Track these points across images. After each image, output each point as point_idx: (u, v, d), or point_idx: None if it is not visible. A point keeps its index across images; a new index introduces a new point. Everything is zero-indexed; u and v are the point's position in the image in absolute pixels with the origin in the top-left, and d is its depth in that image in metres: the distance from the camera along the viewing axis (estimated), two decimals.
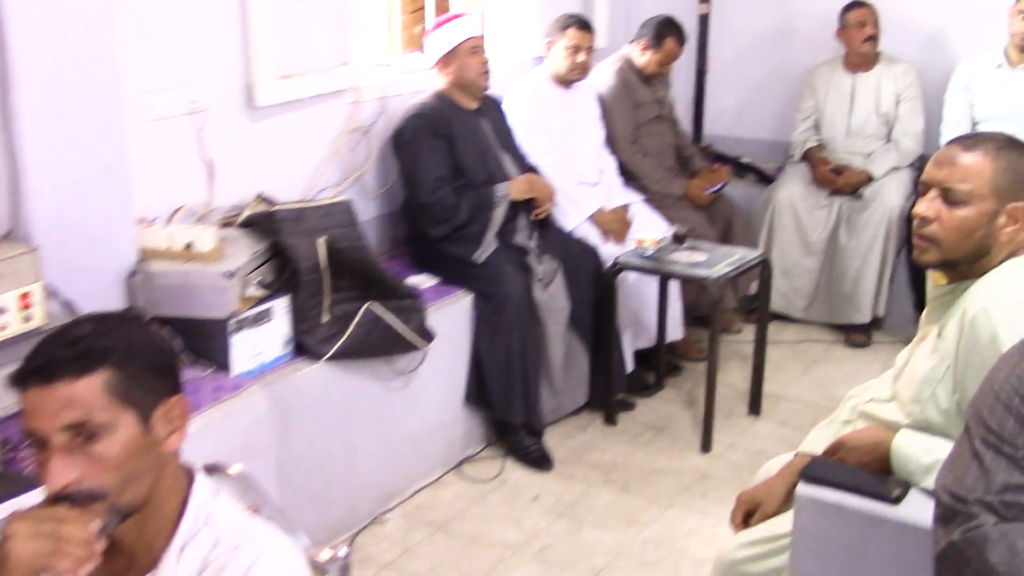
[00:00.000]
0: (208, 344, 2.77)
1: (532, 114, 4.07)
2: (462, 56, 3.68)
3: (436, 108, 3.64)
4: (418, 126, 3.59)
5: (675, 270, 3.64)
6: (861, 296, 4.56)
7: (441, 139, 3.60)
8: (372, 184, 3.88)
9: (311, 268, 2.94)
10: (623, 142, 4.41)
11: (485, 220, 3.58)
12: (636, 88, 4.47)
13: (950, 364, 1.88)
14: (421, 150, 3.57)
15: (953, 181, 1.88)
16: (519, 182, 3.70)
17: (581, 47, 4.08)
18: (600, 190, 4.23)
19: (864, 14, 4.67)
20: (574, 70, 4.11)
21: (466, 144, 3.65)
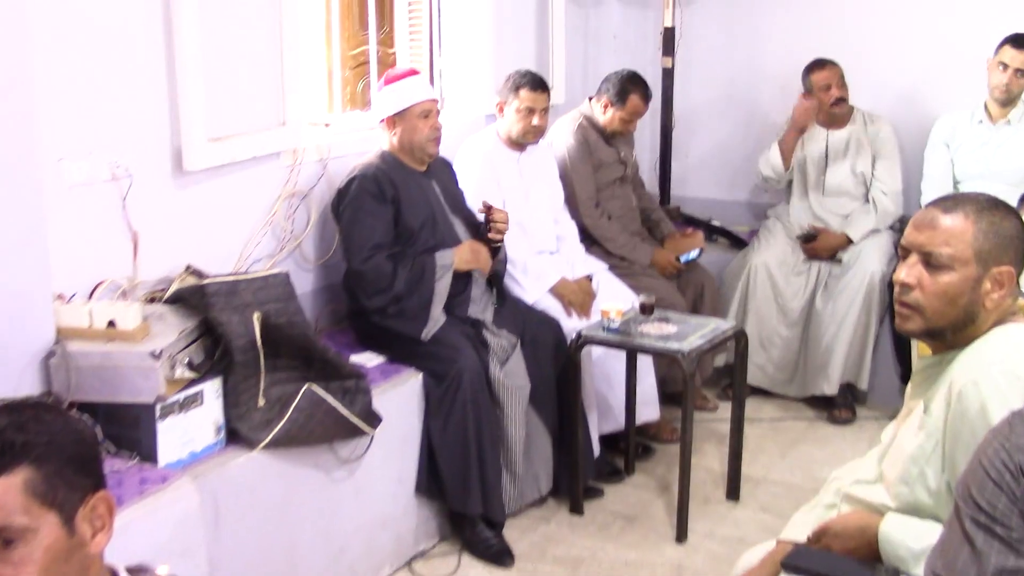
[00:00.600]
0: (132, 432, 2.75)
1: (483, 178, 4.14)
2: (411, 119, 3.72)
3: (381, 169, 3.68)
4: (361, 188, 3.62)
5: (644, 343, 3.67)
6: (833, 365, 4.63)
7: (385, 203, 3.63)
8: (312, 253, 3.90)
9: (245, 347, 2.94)
10: (585, 205, 4.49)
11: (427, 292, 3.59)
12: (598, 147, 4.57)
13: (938, 441, 1.89)
14: (361, 214, 3.59)
15: (934, 245, 1.92)
16: (463, 250, 3.72)
17: (535, 109, 4.16)
18: (561, 259, 4.30)
19: (828, 76, 4.78)
20: (528, 133, 4.19)
21: (414, 208, 3.69)
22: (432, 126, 3.73)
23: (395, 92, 3.73)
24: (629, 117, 4.57)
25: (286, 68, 3.63)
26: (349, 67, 4.34)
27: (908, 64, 5.02)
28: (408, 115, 3.71)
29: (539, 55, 5.12)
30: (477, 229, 3.88)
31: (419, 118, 3.71)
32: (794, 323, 4.75)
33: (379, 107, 3.78)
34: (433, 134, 3.73)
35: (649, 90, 4.60)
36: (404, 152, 3.76)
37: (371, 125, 4.15)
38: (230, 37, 3.42)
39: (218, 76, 3.37)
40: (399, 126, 3.73)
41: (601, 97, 4.57)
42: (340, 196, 3.66)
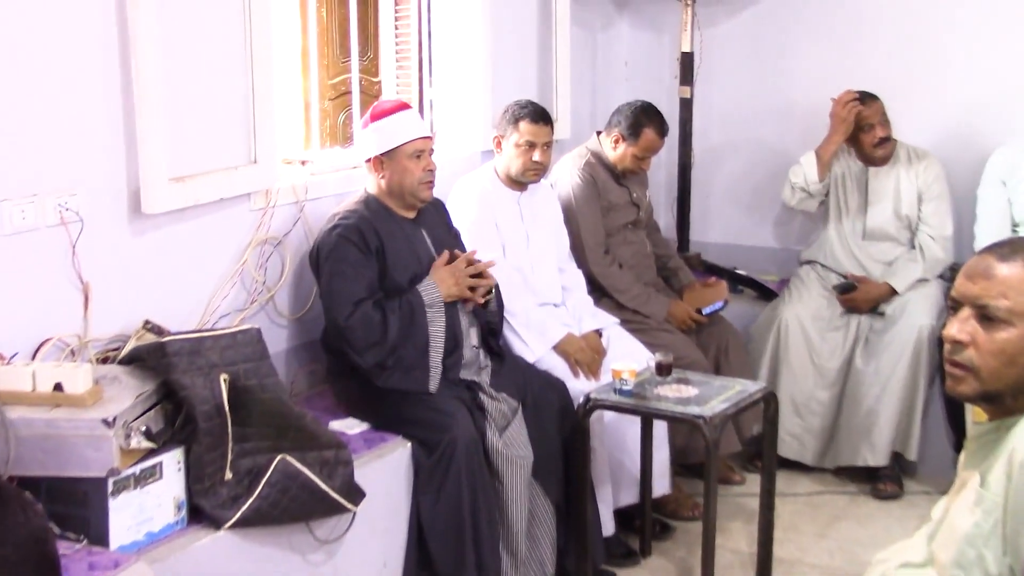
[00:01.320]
0: (80, 510, 2.73)
1: (479, 221, 4.16)
2: (401, 159, 3.71)
3: (364, 217, 3.67)
4: (342, 239, 3.60)
5: (661, 408, 3.66)
6: (878, 432, 4.59)
7: (369, 255, 3.62)
8: (286, 307, 3.90)
9: (210, 413, 2.92)
10: (593, 252, 4.51)
11: (422, 337, 3.59)
12: (607, 187, 4.59)
13: (998, 519, 1.87)
14: (342, 267, 3.58)
15: (990, 297, 1.92)
16: (442, 277, 3.66)
17: (537, 144, 4.19)
18: (566, 312, 4.31)
19: (870, 114, 4.79)
20: (529, 171, 4.22)
21: (401, 261, 3.68)
22: (425, 168, 3.72)
23: (382, 129, 3.72)
24: (643, 153, 4.59)
25: (257, 99, 3.65)
26: (328, 98, 4.37)
27: (955, 95, 5.05)
28: (397, 155, 3.71)
29: (541, 84, 5.17)
30: None
31: (410, 159, 3.70)
32: (831, 384, 4.73)
33: (364, 145, 3.78)
34: (426, 177, 3.71)
35: (665, 123, 4.63)
36: (392, 197, 3.75)
37: (353, 163, 4.16)
38: (195, 65, 3.45)
39: (181, 108, 3.39)
40: (387, 168, 3.72)
41: (611, 131, 4.60)
42: (319, 248, 3.66)
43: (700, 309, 4.61)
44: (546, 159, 4.23)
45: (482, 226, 4.15)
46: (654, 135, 4.57)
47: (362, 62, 4.48)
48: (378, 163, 3.73)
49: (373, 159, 3.74)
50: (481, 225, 4.15)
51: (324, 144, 4.35)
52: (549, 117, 4.26)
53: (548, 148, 4.23)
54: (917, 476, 4.73)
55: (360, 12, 4.43)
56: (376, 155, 3.73)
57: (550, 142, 4.24)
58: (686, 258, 5.22)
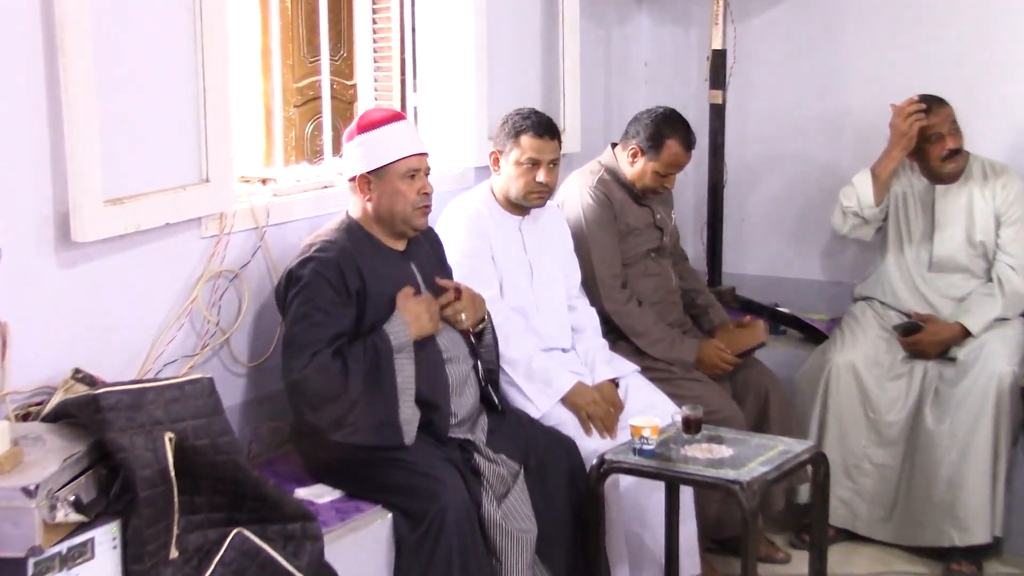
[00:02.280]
0: None
1: (472, 252, 4.16)
2: (392, 180, 3.69)
3: (345, 250, 3.64)
4: (317, 274, 3.56)
5: (689, 471, 3.64)
6: (963, 506, 4.52)
7: (348, 297, 3.59)
8: (244, 352, 3.90)
9: (153, 479, 2.90)
10: (608, 286, 4.51)
11: (390, 385, 3.54)
12: (625, 209, 4.60)
13: None
14: (312, 308, 3.55)
15: None
16: (410, 310, 3.62)
17: (541, 161, 4.19)
18: (577, 358, 4.31)
19: (938, 121, 4.75)
20: (532, 194, 4.21)
21: (385, 303, 3.65)
22: (420, 190, 3.71)
23: (371, 143, 3.71)
24: (665, 170, 4.59)
25: (210, 106, 3.65)
26: (294, 105, 4.39)
27: None
28: (388, 174, 3.69)
29: (546, 89, 5.19)
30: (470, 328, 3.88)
31: (403, 179, 3.69)
32: (892, 443, 4.70)
33: (348, 162, 3.77)
34: (421, 201, 3.71)
35: (692, 134, 4.63)
36: (380, 223, 3.74)
37: (325, 181, 4.16)
38: (135, 66, 3.45)
39: (118, 117, 3.38)
40: (375, 189, 3.70)
41: (629, 143, 4.61)
42: (289, 280, 3.63)
43: (735, 353, 4.60)
44: (552, 179, 4.23)
45: (476, 258, 4.15)
46: (679, 148, 4.57)
47: (334, 62, 4.50)
48: (365, 183, 3.72)
49: (359, 178, 3.72)
50: (474, 257, 4.15)
51: (289, 159, 4.36)
52: (556, 130, 4.26)
53: (555, 166, 4.23)
54: (1002, 555, 4.65)
55: (331, 3, 4.45)
56: (363, 173, 3.72)
57: (557, 159, 4.24)
58: (718, 293, 5.23)
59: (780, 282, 5.60)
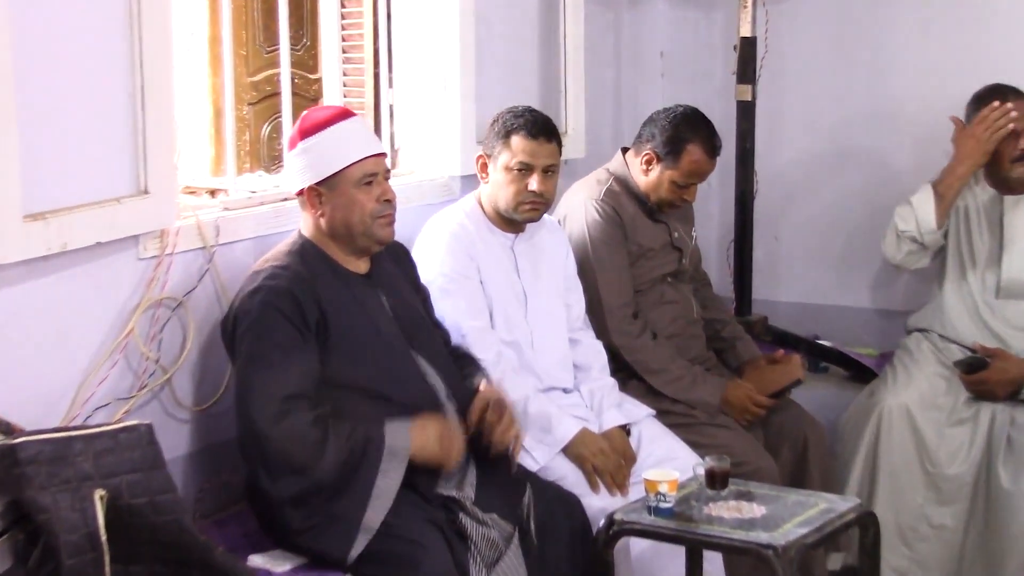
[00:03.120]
0: None
1: (456, 276, 4.14)
2: (346, 188, 3.65)
3: (299, 275, 3.61)
4: (268, 306, 3.54)
5: (713, 533, 3.62)
6: None
7: (307, 331, 3.57)
8: (189, 395, 3.89)
9: (80, 544, 2.89)
10: (616, 317, 4.50)
11: (364, 488, 3.48)
12: (637, 225, 4.60)
13: None
14: (268, 348, 3.53)
15: None
16: (425, 433, 3.59)
17: (534, 166, 4.18)
18: (580, 400, 4.31)
19: (1015, 114, 4.73)
20: (523, 205, 4.20)
21: (351, 338, 3.65)
22: (380, 197, 3.69)
23: (316, 148, 3.67)
24: (686, 180, 4.59)
25: (149, 105, 3.62)
26: (248, 102, 4.40)
27: None
28: (340, 183, 3.66)
29: (545, 84, 5.22)
30: (452, 372, 3.87)
31: (358, 187, 3.65)
32: (955, 501, 4.69)
33: (293, 173, 3.75)
34: (382, 209, 3.68)
35: (717, 138, 4.63)
36: (336, 241, 3.72)
37: (285, 192, 4.16)
38: (60, 60, 3.42)
39: (40, 120, 3.36)
40: (327, 202, 3.67)
41: (642, 148, 4.61)
42: (235, 318, 3.62)
43: (768, 394, 4.60)
44: (547, 188, 4.22)
45: (460, 282, 4.14)
46: (701, 154, 4.57)
47: (295, 52, 4.51)
48: (314, 196, 3.69)
49: (307, 191, 3.70)
50: (459, 280, 4.14)
51: (243, 167, 4.36)
52: (553, 130, 4.26)
53: (551, 174, 4.23)
54: None
55: None
56: (311, 185, 3.71)
57: (555, 165, 4.24)
58: (746, 324, 5.24)
59: (820, 311, 5.61)
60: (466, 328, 4.11)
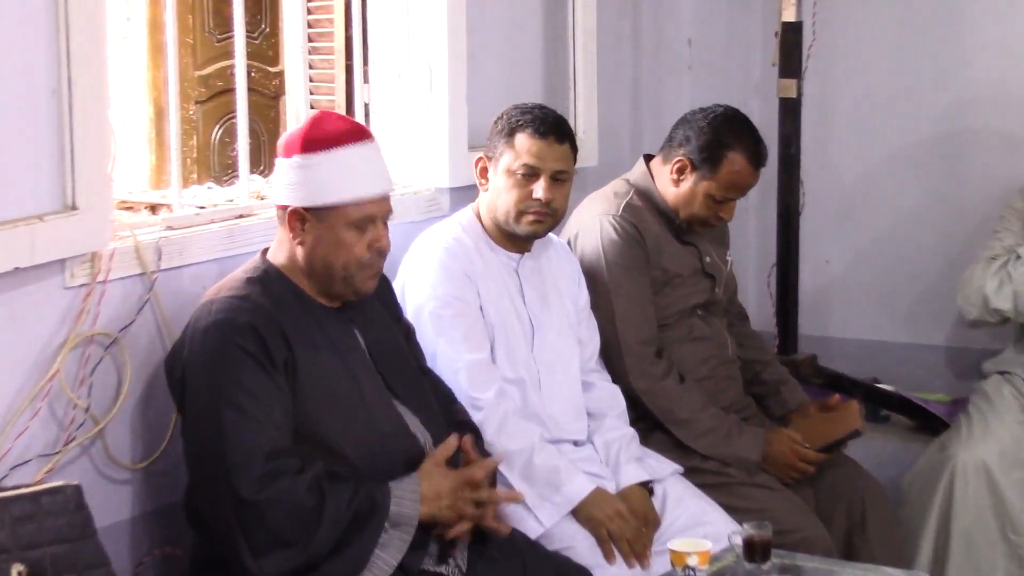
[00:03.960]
0: None
1: (450, 301, 4.13)
2: (338, 225, 3.57)
3: (260, 306, 3.56)
4: (230, 343, 3.49)
5: None
6: None
7: (275, 370, 3.53)
8: (125, 450, 3.88)
9: None
10: (638, 355, 4.49)
11: (360, 558, 3.46)
12: (662, 246, 4.59)
13: None
14: (238, 393, 3.46)
15: None
16: (433, 477, 3.59)
17: (541, 170, 4.15)
18: (594, 454, 4.30)
19: None
20: (527, 215, 4.17)
21: (320, 377, 3.62)
22: (373, 244, 3.63)
23: (318, 168, 3.58)
24: (724, 193, 4.57)
25: (77, 107, 3.61)
26: (196, 101, 4.39)
27: None
28: (333, 217, 3.57)
29: (550, 79, 5.24)
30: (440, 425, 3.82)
31: (350, 228, 3.58)
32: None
33: (281, 184, 3.67)
34: (372, 260, 3.65)
35: (763, 145, 4.62)
36: (310, 278, 3.67)
37: (240, 208, 4.15)
38: None
39: None
40: (311, 231, 3.60)
41: (672, 155, 4.59)
42: (187, 358, 3.57)
43: (818, 448, 4.59)
44: (556, 197, 4.18)
45: (456, 308, 4.13)
46: (744, 163, 4.55)
47: (252, 40, 4.51)
48: (297, 220, 3.61)
49: (291, 212, 3.68)
50: (454, 306, 4.13)
51: (189, 178, 4.35)
52: (566, 131, 4.25)
53: (562, 182, 4.20)
54: None
55: None
56: (297, 207, 3.67)
57: (566, 172, 4.21)
58: (792, 364, 5.25)
59: (880, 349, 5.61)
60: (462, 362, 4.09)
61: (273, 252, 3.73)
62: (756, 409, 4.80)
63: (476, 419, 3.99)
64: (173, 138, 4.27)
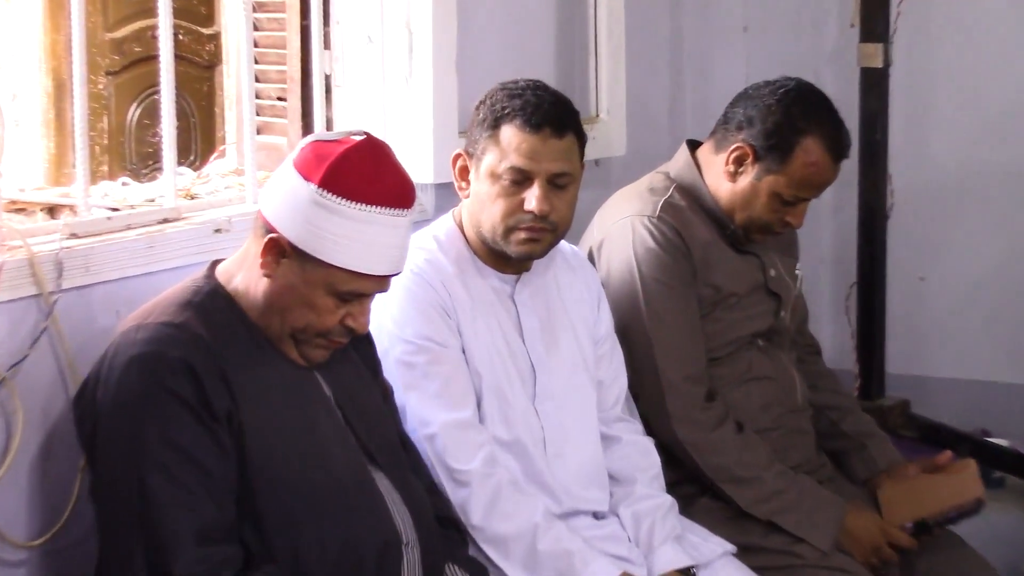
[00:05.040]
0: None
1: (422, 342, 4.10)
2: (316, 283, 3.54)
3: (198, 337, 3.55)
4: (154, 384, 3.49)
5: None
6: None
7: (216, 423, 3.50)
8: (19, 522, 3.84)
9: None
10: (681, 396, 4.46)
11: None
12: (712, 258, 4.57)
13: None
14: (166, 453, 3.45)
15: None
16: None
17: (535, 174, 4.06)
18: (619, 530, 4.28)
19: None
20: (517, 232, 4.07)
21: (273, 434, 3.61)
22: (348, 319, 3.65)
23: (329, 215, 3.54)
24: (795, 191, 4.52)
25: None
26: (106, 72, 4.38)
27: None
28: (317, 272, 3.54)
29: (564, 46, 5.21)
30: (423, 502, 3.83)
31: (330, 294, 3.59)
32: None
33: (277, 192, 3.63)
34: (341, 335, 3.68)
35: (845, 132, 4.58)
36: (264, 317, 3.65)
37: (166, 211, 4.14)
38: None
39: None
40: (285, 271, 3.57)
41: (730, 140, 4.56)
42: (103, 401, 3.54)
43: (918, 521, 4.58)
44: (557, 208, 4.08)
45: (430, 354, 4.10)
46: (822, 154, 4.51)
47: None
48: (276, 251, 3.59)
49: (272, 239, 3.66)
50: (427, 351, 4.10)
51: (98, 171, 4.33)
52: (567, 119, 4.15)
53: (564, 187, 4.11)
54: None
55: None
56: (283, 238, 3.65)
57: (568, 174, 4.12)
58: (878, 411, 5.23)
59: (991, 392, 5.60)
60: (437, 425, 4.03)
61: (227, 268, 3.70)
62: (833, 470, 4.77)
63: (459, 498, 3.97)
64: (78, 120, 4.23)
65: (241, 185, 4.65)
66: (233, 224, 4.24)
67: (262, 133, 4.82)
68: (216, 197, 4.63)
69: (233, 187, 4.72)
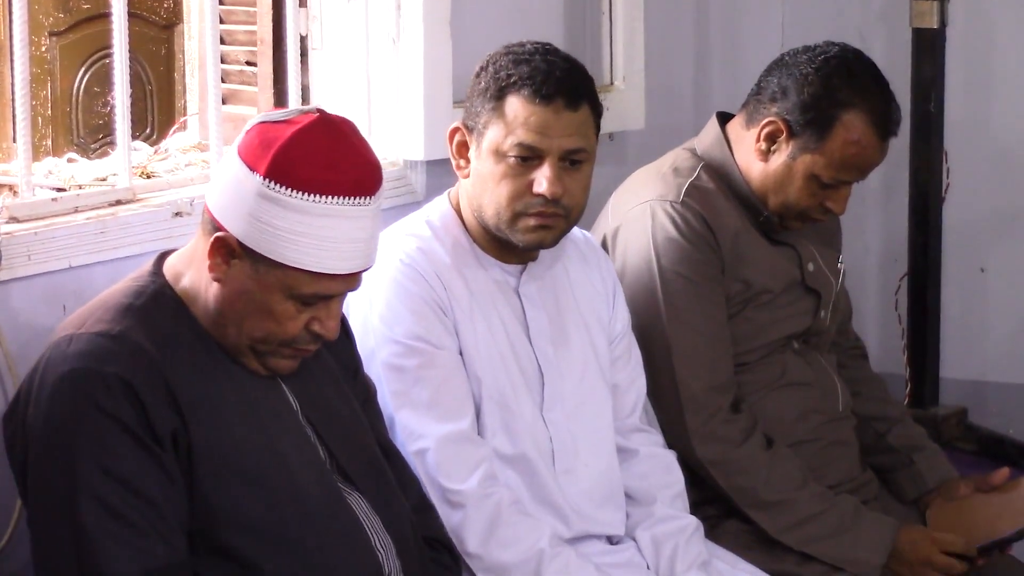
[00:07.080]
0: None
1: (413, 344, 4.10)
2: (272, 287, 3.51)
3: (139, 346, 3.51)
4: (83, 404, 3.45)
5: None
6: None
7: (159, 448, 3.48)
8: None
9: None
10: (705, 407, 4.47)
11: None
12: (743, 248, 4.58)
13: None
14: (96, 481, 3.43)
15: None
16: None
17: (547, 152, 4.05)
18: (636, 555, 4.28)
19: None
20: (526, 218, 4.06)
21: (229, 455, 3.60)
22: (313, 324, 3.59)
23: (281, 209, 3.50)
24: (837, 173, 4.53)
25: None
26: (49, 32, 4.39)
27: None
28: (272, 275, 3.50)
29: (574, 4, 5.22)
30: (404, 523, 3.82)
31: (291, 298, 3.57)
32: None
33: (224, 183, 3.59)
34: (306, 342, 3.64)
35: (895, 105, 4.58)
36: (216, 327, 3.62)
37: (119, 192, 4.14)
38: None
39: None
40: (236, 274, 3.52)
41: (760, 115, 4.57)
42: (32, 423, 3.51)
43: (979, 544, 4.55)
44: (571, 190, 4.08)
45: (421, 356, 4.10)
46: (867, 130, 4.52)
47: None
48: (225, 251, 3.55)
49: (218, 241, 3.61)
50: (419, 354, 4.10)
51: (41, 146, 4.34)
52: (583, 88, 4.15)
53: (579, 165, 4.11)
54: None
55: None
56: (232, 236, 3.62)
57: (583, 150, 4.11)
58: (931, 421, 5.26)
59: None
60: (430, 438, 4.03)
61: (175, 264, 3.65)
62: (879, 488, 4.77)
63: (453, 522, 3.96)
64: (18, 87, 4.25)
65: (204, 162, 4.65)
66: (195, 207, 4.21)
67: (228, 103, 4.81)
68: (176, 176, 4.62)
69: (195, 164, 4.71)
